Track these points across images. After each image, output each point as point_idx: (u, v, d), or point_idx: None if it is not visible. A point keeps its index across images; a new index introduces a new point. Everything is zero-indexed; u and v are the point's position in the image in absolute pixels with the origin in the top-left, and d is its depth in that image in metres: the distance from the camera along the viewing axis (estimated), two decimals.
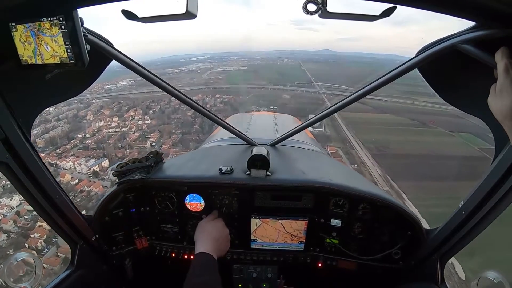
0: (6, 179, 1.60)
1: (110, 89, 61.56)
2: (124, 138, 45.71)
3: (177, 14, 1.28)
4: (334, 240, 2.47)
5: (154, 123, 51.66)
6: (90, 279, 2.26)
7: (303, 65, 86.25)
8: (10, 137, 1.51)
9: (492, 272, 1.61)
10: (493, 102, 1.04)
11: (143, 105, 57.31)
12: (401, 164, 36.18)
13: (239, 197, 2.41)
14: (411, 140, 44.99)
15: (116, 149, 42.45)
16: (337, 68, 75.18)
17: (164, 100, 56.96)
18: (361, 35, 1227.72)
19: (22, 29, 1.29)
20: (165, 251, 2.64)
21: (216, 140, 3.49)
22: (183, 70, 76.13)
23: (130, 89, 64.08)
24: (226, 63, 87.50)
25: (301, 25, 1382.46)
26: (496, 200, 1.59)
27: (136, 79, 64.40)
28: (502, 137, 1.50)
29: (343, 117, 50.27)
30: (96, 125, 48.40)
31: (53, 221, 1.93)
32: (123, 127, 49.47)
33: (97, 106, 54.55)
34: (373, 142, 43.49)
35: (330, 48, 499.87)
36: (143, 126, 50.25)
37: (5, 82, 1.44)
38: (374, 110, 55.34)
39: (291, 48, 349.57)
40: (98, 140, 44.59)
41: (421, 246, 2.25)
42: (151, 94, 60.54)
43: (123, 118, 52.11)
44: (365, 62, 69.99)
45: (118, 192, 2.39)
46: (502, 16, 1.07)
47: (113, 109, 55.17)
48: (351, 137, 45.56)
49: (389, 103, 56.71)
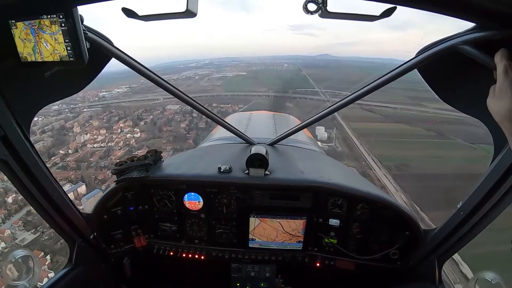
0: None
1: (104, 97, 59.41)
2: (109, 155, 41.07)
3: (177, 12, 1.27)
4: (332, 240, 2.47)
5: (143, 137, 46.98)
6: (88, 277, 2.26)
7: (303, 70, 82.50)
8: (9, 135, 1.50)
9: (489, 273, 1.62)
10: (492, 103, 1.04)
11: (135, 115, 53.92)
12: (427, 188, 29.00)
13: (237, 196, 2.42)
14: (432, 155, 39.27)
15: (97, 170, 37.67)
16: (339, 73, 70.44)
17: (158, 109, 54.87)
18: (360, 40, 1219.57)
19: (22, 26, 1.29)
20: (163, 249, 2.64)
21: (215, 139, 3.49)
22: (180, 77, 72.70)
23: (125, 97, 61.67)
24: (224, 69, 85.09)
25: (299, 30, 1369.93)
26: (495, 201, 1.60)
27: (132, 86, 62.38)
28: (501, 139, 1.50)
29: (353, 128, 46.63)
30: (81, 138, 44.57)
31: (51, 219, 1.93)
32: (110, 141, 44.91)
33: (86, 116, 51.49)
34: (391, 159, 37.67)
35: (329, 53, 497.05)
36: (131, 141, 45.29)
37: (5, 79, 1.43)
38: (384, 119, 51.26)
39: (290, 53, 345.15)
40: (80, 158, 39.98)
41: (419, 246, 2.26)
42: (145, 102, 58.20)
43: (112, 130, 48.05)
44: (367, 66, 66.62)
45: (117, 190, 2.39)
46: (502, 17, 1.07)
47: (102, 120, 51.85)
48: (365, 153, 40.44)
49: (399, 111, 52.99)
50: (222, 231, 2.55)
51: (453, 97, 1.67)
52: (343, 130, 46.59)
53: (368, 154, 39.42)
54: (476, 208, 1.70)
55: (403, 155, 38.74)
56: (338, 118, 48.71)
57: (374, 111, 52.78)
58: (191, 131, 46.24)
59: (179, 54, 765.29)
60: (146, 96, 60.28)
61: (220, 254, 2.63)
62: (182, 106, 52.54)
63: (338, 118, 48.79)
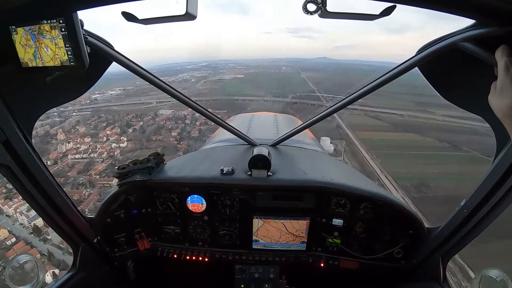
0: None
1: (96, 99, 57.17)
2: (89, 169, 37.50)
3: (177, 15, 1.28)
4: (336, 240, 2.46)
5: (130, 147, 42.99)
6: (92, 280, 2.26)
7: (302, 73, 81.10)
8: (11, 140, 1.51)
9: (494, 270, 1.61)
10: (493, 100, 1.03)
11: (124, 121, 50.87)
12: None
13: (240, 197, 2.41)
14: (451, 171, 34.64)
15: (73, 188, 33.31)
16: (339, 77, 66.39)
17: (149, 114, 52.94)
18: (358, 43, 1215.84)
19: (22, 32, 1.30)
20: (167, 252, 2.64)
21: (217, 141, 3.49)
22: (176, 79, 69.73)
23: (118, 100, 59.17)
24: (222, 71, 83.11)
25: (297, 33, 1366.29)
26: (498, 198, 1.59)
27: (127, 88, 60.50)
28: (503, 136, 1.50)
29: (361, 139, 43.19)
30: (63, 148, 41.37)
31: (54, 223, 1.94)
32: (93, 151, 41.10)
33: (73, 122, 48.45)
34: (408, 178, 33.66)
35: (327, 56, 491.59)
36: (116, 151, 41.60)
37: (6, 85, 1.44)
38: (393, 128, 47.94)
39: (287, 56, 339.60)
40: (58, 172, 35.35)
41: (423, 244, 2.25)
42: (137, 106, 55.81)
43: (97, 138, 44.83)
44: (366, 70, 63.34)
45: (120, 194, 2.39)
46: (503, 14, 1.07)
47: (89, 126, 49.03)
48: (378, 170, 35.59)
49: (406, 118, 49.79)
50: (226, 233, 2.55)
51: (454, 94, 1.66)
52: (351, 141, 43.17)
53: (381, 171, 34.31)
54: (480, 205, 1.70)
55: (420, 172, 34.81)
56: (344, 127, 46.30)
57: (380, 118, 50.06)
58: (182, 141, 43.56)
59: (177, 56, 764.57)
60: (139, 99, 58.64)
61: (223, 255, 2.63)
62: (175, 112, 50.79)
63: (344, 126, 46.41)
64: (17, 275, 1.68)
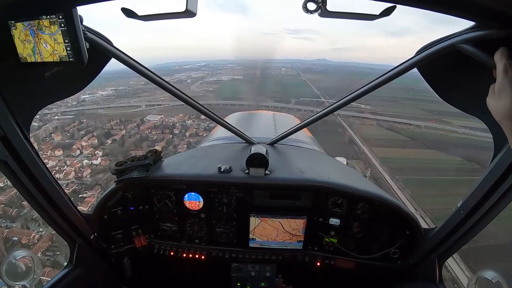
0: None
1: (84, 100, 54.80)
2: None
3: (177, 12, 1.27)
4: (332, 239, 2.47)
5: (103, 165, 36.89)
6: (89, 277, 2.26)
7: (303, 75, 78.88)
8: (9, 135, 1.50)
9: (490, 272, 1.62)
10: (492, 102, 1.04)
11: (105, 129, 46.42)
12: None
13: (238, 195, 2.42)
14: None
15: (23, 228, 25.82)
16: (341, 80, 59.69)
17: (135, 121, 48.94)
18: (357, 45, 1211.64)
19: (21, 27, 1.29)
20: (163, 249, 2.65)
21: (215, 139, 3.49)
22: (172, 79, 59.83)
23: (106, 102, 56.54)
24: (220, 72, 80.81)
25: (297, 34, 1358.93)
26: (495, 199, 1.59)
27: (118, 89, 58.42)
28: (501, 137, 1.50)
29: (381, 157, 38.27)
30: None
31: (51, 219, 1.93)
32: (59, 171, 34.14)
33: (50, 129, 43.76)
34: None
35: (326, 58, 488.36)
36: (86, 172, 35.34)
37: (5, 80, 1.43)
38: (413, 144, 42.24)
39: (287, 57, 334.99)
40: (10, 200, 27.69)
41: (419, 245, 2.26)
42: (124, 110, 53.10)
43: (70, 150, 39.60)
44: (370, 73, 61.72)
45: (117, 191, 2.39)
46: (502, 16, 1.07)
47: (66, 133, 44.29)
48: (412, 209, 20.52)
49: (424, 129, 45.14)
50: (223, 231, 2.55)
51: (452, 96, 1.67)
52: (369, 160, 37.64)
53: (415, 209, 26.27)
54: (476, 207, 1.70)
55: (452, 202, 20.79)
56: (357, 141, 42.29)
57: (396, 130, 45.82)
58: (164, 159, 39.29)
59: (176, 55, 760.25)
60: (129, 101, 56.55)
61: (220, 254, 2.63)
62: (164, 118, 48.35)
63: (357, 141, 42.48)
64: (14, 271, 1.68)
